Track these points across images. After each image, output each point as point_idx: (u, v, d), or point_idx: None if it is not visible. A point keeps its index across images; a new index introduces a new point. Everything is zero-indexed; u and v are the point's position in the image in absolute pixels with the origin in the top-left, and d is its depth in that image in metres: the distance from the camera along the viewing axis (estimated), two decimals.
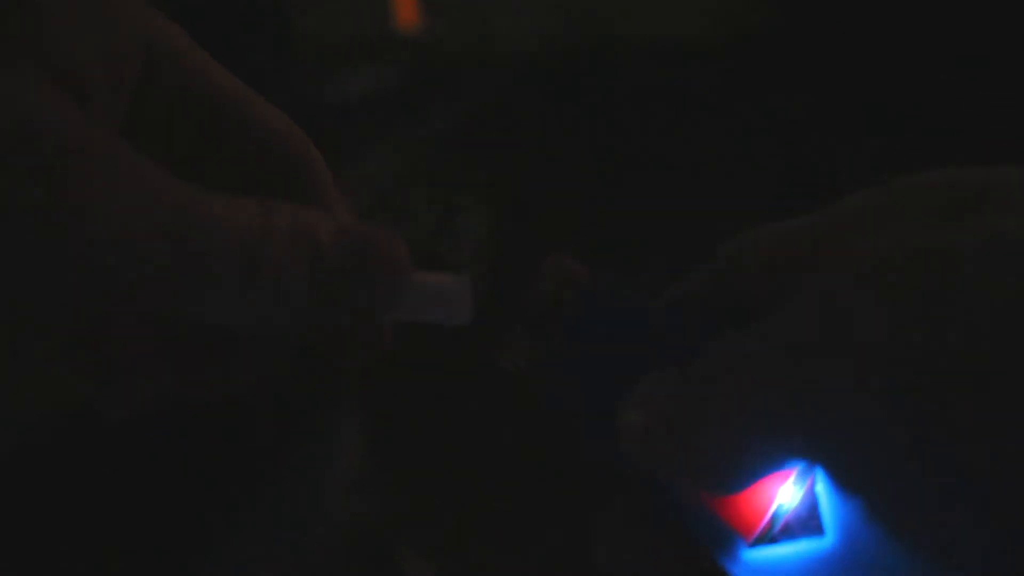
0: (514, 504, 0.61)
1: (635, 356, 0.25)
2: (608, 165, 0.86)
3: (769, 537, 0.23)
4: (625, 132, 0.89)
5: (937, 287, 0.20)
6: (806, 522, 0.22)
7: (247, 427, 0.59)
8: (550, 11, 1.04)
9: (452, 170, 0.89)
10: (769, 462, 0.21)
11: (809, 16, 0.93)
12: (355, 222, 0.23)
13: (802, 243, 0.24)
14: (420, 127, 0.92)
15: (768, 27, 0.96)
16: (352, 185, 0.90)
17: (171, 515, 0.57)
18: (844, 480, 0.21)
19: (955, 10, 0.82)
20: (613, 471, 0.26)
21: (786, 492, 0.22)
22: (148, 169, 0.19)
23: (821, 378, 0.20)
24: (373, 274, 0.22)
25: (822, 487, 0.22)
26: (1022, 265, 0.19)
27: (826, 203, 0.25)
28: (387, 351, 0.26)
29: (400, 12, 1.03)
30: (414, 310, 0.25)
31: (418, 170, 0.89)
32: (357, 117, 0.91)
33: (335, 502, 0.62)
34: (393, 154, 0.90)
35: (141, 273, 0.19)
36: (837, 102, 0.84)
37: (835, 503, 0.21)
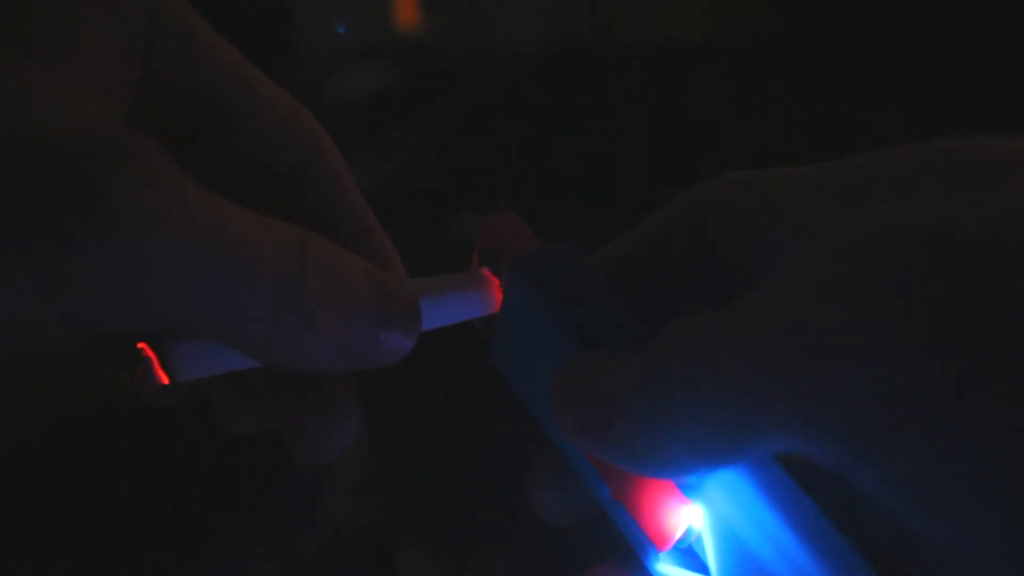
0: (514, 504, 0.61)
1: (572, 328, 0.23)
2: (608, 165, 0.86)
3: (684, 557, 0.23)
4: (625, 132, 0.88)
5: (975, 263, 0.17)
6: (703, 558, 0.22)
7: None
8: (550, 11, 1.04)
9: (452, 170, 0.89)
10: (716, 448, 0.19)
11: (809, 16, 0.93)
12: (378, 269, 0.22)
13: (797, 198, 0.21)
14: (420, 127, 0.92)
15: (768, 27, 0.96)
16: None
17: (172, 514, 0.57)
18: (847, 454, 0.18)
19: (956, 9, 0.82)
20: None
21: (699, 515, 0.22)
22: (186, 181, 0.18)
23: (826, 369, 0.18)
24: (395, 324, 0.22)
25: (709, 531, 0.21)
26: None
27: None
28: (352, 444, 0.25)
29: (400, 12, 1.03)
30: (439, 317, 0.24)
31: (418, 170, 0.89)
32: (357, 117, 0.91)
33: (336, 502, 0.61)
34: (393, 154, 0.90)
35: (169, 288, 0.18)
36: (837, 102, 0.84)
37: (723, 547, 0.21)
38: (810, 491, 0.20)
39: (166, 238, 0.18)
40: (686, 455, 0.20)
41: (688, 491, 0.21)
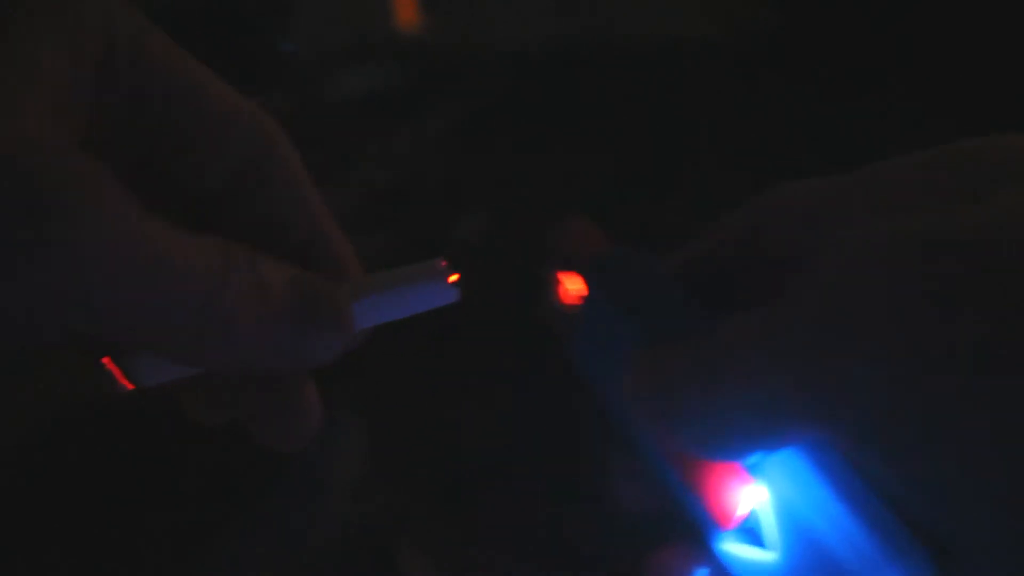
0: (515, 504, 0.61)
1: (644, 326, 0.25)
2: (607, 165, 0.87)
3: (745, 535, 0.24)
4: (624, 132, 0.89)
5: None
6: (761, 534, 0.24)
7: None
8: (550, 11, 1.04)
9: (452, 170, 0.89)
10: (761, 432, 0.22)
11: (809, 16, 0.93)
12: (307, 272, 0.23)
13: (829, 206, 0.24)
14: (420, 127, 0.92)
15: (768, 27, 0.96)
16: (351, 185, 0.90)
17: (172, 515, 0.57)
18: (856, 441, 0.21)
19: (956, 9, 0.82)
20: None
21: (761, 495, 0.23)
22: (119, 199, 0.20)
23: (836, 364, 0.20)
24: (318, 326, 0.23)
25: (769, 507, 0.23)
26: None
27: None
28: (316, 434, 0.27)
29: (400, 12, 1.03)
30: (393, 309, 0.25)
31: (418, 170, 0.89)
32: (357, 117, 0.91)
33: (336, 502, 0.62)
34: (393, 154, 0.90)
35: (100, 304, 0.19)
36: (837, 102, 0.84)
37: (783, 523, 0.22)
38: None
39: (99, 257, 0.19)
40: (734, 439, 0.22)
41: (752, 471, 0.23)
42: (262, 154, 0.25)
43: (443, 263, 0.25)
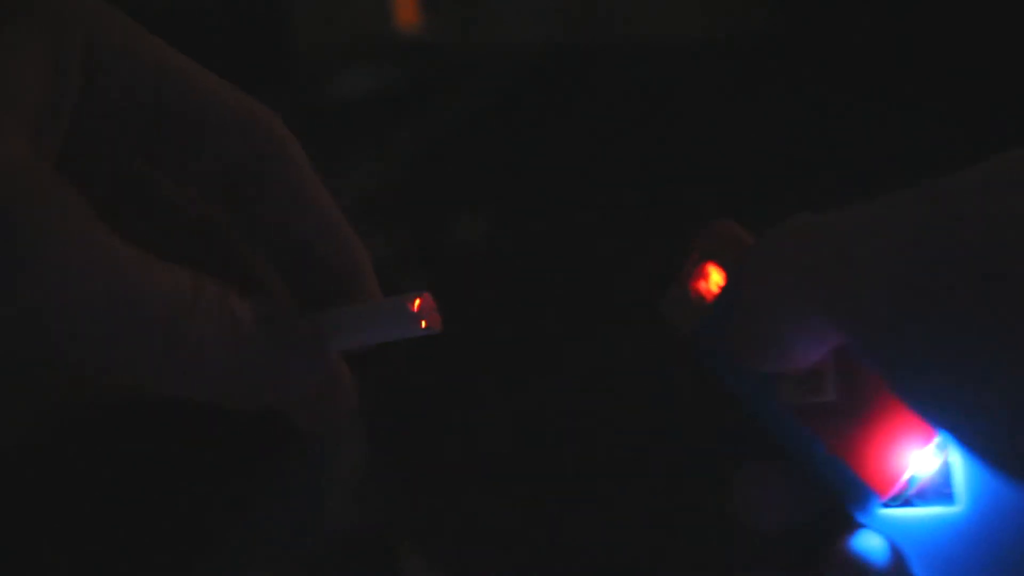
0: (515, 504, 0.61)
1: None
2: (607, 164, 0.87)
3: (903, 499, 0.24)
4: (624, 131, 0.89)
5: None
6: (939, 489, 0.24)
7: (250, 427, 0.59)
8: (550, 11, 1.04)
9: (451, 170, 0.89)
10: (807, 337, 0.23)
11: (809, 16, 0.93)
12: (279, 306, 0.23)
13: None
14: (420, 127, 0.92)
15: (768, 27, 0.96)
16: (351, 185, 0.90)
17: (172, 515, 0.57)
18: (870, 344, 0.23)
19: (956, 9, 0.82)
20: (757, 434, 0.28)
21: (924, 459, 0.24)
22: (88, 224, 0.20)
23: (847, 265, 0.22)
24: (287, 357, 0.23)
25: (957, 458, 0.23)
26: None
27: (825, 200, 0.26)
28: (350, 414, 0.27)
29: (400, 12, 1.04)
30: (369, 340, 0.25)
31: (417, 170, 0.89)
32: (357, 117, 0.91)
33: (337, 503, 0.62)
34: (393, 154, 0.90)
35: (67, 333, 0.20)
36: (836, 102, 0.84)
37: (969, 474, 0.23)
38: None
39: (66, 282, 0.19)
40: (799, 336, 0.24)
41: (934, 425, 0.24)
42: (263, 152, 0.24)
43: (419, 300, 0.25)
